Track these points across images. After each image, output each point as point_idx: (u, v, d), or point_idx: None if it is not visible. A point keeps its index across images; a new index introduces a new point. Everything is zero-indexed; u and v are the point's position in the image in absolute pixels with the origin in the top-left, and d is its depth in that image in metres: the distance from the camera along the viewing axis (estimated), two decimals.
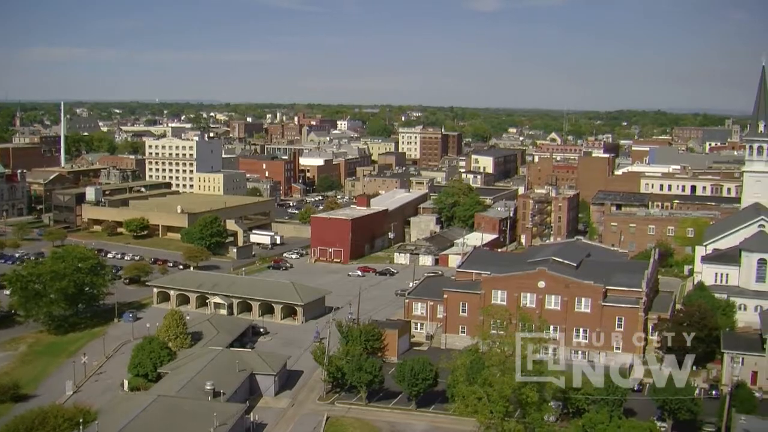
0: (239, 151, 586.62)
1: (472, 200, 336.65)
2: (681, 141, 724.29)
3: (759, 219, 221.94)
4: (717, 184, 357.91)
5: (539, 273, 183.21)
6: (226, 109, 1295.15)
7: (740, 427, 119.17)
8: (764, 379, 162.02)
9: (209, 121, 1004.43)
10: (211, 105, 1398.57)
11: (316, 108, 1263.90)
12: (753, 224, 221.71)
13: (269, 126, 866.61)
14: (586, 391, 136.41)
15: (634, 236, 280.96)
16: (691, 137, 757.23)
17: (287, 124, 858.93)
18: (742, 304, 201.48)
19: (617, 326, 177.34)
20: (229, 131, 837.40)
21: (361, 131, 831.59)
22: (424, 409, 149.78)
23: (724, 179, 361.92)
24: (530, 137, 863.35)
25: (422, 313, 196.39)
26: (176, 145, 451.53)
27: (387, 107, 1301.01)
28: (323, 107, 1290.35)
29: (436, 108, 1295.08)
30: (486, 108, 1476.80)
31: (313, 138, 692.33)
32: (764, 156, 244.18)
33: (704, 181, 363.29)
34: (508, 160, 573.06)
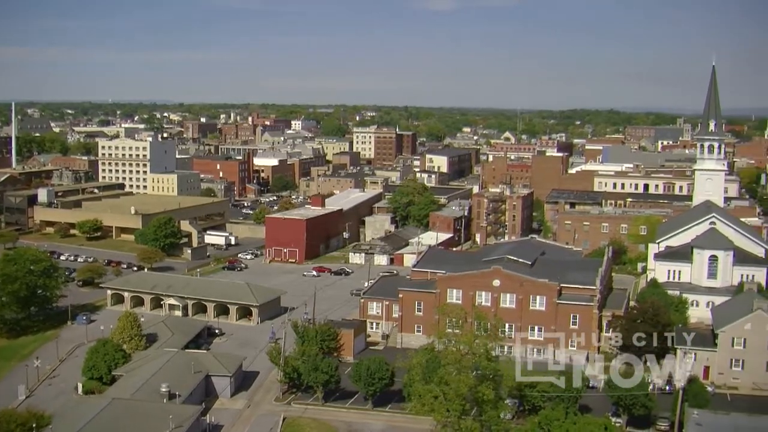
0: (193, 151, 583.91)
1: (427, 199, 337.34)
2: (634, 140, 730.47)
3: (710, 216, 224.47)
4: (669, 182, 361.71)
5: (494, 272, 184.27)
6: (179, 109, 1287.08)
7: (693, 421, 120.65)
8: (716, 374, 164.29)
9: (163, 121, 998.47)
10: (165, 105, 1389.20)
11: (270, 108, 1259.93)
12: (704, 222, 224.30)
13: (223, 126, 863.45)
14: (541, 389, 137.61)
15: (588, 234, 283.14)
16: (644, 136, 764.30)
17: (241, 124, 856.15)
18: (695, 301, 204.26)
19: (572, 324, 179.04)
20: (183, 131, 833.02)
21: (316, 131, 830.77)
22: (380, 409, 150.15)
23: (676, 177, 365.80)
24: (484, 136, 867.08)
25: (378, 313, 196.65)
26: (130, 145, 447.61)
27: (341, 107, 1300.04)
28: (277, 107, 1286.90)
29: (391, 108, 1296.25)
30: (440, 107, 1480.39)
31: (268, 138, 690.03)
32: (715, 154, 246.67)
33: (657, 179, 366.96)
34: (462, 159, 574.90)
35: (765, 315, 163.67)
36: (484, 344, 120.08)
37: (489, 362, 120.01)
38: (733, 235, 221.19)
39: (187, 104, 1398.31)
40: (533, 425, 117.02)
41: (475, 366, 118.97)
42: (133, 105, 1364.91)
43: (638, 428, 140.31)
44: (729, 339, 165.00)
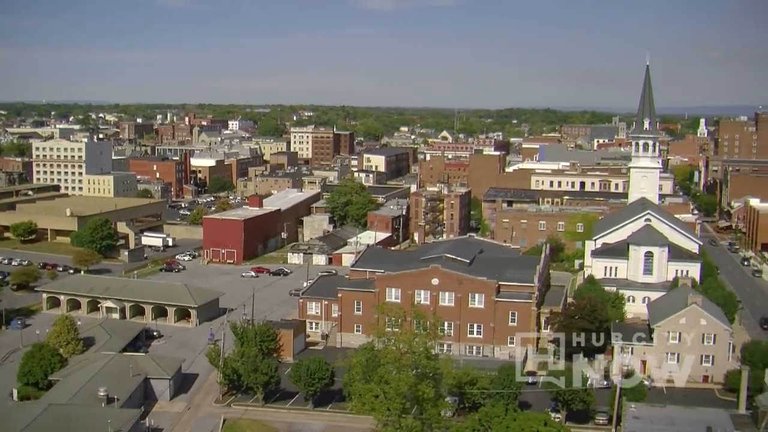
0: (129, 152, 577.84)
1: (365, 199, 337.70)
2: (570, 138, 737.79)
3: (645, 213, 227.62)
4: (605, 180, 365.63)
5: (432, 270, 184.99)
6: (115, 110, 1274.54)
7: (630, 415, 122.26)
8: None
9: (98, 122, 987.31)
10: (100, 106, 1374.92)
11: (207, 108, 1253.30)
12: (640, 218, 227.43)
13: (160, 127, 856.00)
14: (481, 386, 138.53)
15: (526, 232, 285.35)
16: (580, 134, 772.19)
17: (178, 124, 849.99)
18: (631, 296, 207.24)
19: (510, 321, 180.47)
20: (119, 132, 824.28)
21: (253, 131, 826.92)
22: (321, 409, 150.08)
23: (611, 175, 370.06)
24: (422, 136, 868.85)
25: (317, 313, 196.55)
26: (64, 147, 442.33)
27: (278, 107, 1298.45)
28: (214, 107, 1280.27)
29: (328, 107, 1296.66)
30: (378, 107, 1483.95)
31: (204, 138, 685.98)
32: (650, 152, 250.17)
33: (593, 177, 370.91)
34: (400, 158, 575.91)
35: (699, 309, 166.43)
36: (424, 343, 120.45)
37: (428, 360, 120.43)
38: (667, 231, 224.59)
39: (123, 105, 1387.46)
40: (473, 422, 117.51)
41: (415, 364, 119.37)
42: (68, 105, 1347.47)
43: (577, 423, 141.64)
44: (665, 333, 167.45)
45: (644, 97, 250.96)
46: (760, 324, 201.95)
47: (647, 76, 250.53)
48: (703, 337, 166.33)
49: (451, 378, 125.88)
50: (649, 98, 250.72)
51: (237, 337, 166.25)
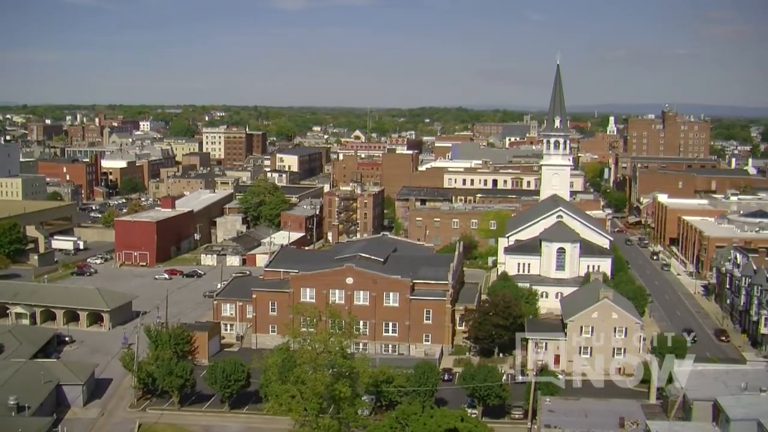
0: (38, 154, 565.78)
1: (278, 199, 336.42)
2: (482, 137, 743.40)
3: (557, 210, 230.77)
4: (517, 177, 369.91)
5: (347, 269, 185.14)
6: (23, 111, 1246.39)
7: (545, 408, 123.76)
8: (566, 362, 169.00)
9: (5, 123, 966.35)
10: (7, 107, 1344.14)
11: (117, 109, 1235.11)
12: (552, 215, 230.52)
13: (69, 128, 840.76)
14: (398, 384, 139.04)
15: (439, 230, 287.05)
16: (492, 133, 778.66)
17: (88, 125, 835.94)
18: (544, 292, 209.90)
19: (425, 319, 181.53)
20: (27, 134, 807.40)
21: (165, 132, 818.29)
22: (237, 410, 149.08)
23: (523, 173, 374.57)
24: (335, 135, 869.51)
25: (231, 314, 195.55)
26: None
27: (190, 107, 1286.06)
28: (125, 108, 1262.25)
29: (240, 107, 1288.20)
30: (290, 107, 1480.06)
31: (115, 139, 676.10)
32: (561, 150, 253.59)
33: (505, 175, 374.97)
34: (312, 158, 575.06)
35: (610, 303, 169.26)
36: (339, 342, 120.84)
37: (344, 360, 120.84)
38: (579, 227, 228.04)
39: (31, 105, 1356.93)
40: (391, 420, 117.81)
41: (331, 364, 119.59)
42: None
43: (493, 418, 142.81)
44: (577, 328, 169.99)
45: (555, 96, 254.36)
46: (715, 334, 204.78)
47: (558, 75, 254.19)
48: (615, 331, 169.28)
49: (367, 377, 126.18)
50: (560, 97, 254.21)
51: (151, 340, 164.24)
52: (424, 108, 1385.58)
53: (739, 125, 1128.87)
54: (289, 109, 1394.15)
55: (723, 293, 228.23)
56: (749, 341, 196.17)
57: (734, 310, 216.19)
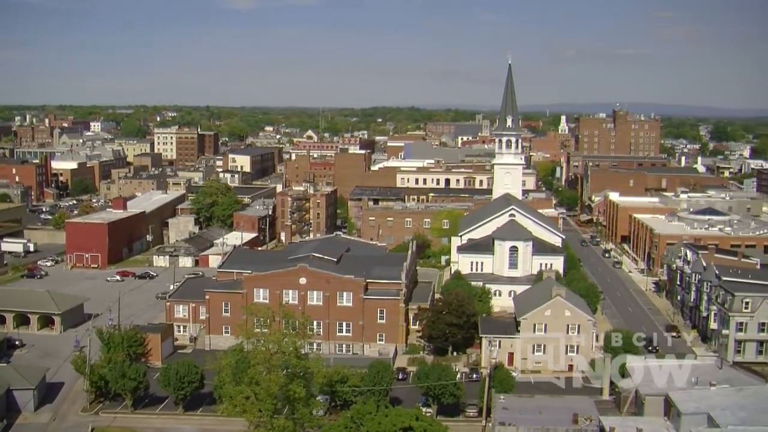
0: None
1: (231, 199, 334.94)
2: (434, 136, 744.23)
3: (509, 209, 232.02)
4: (469, 176, 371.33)
5: (300, 270, 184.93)
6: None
7: (500, 406, 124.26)
8: (520, 360, 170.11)
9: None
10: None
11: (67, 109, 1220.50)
12: (504, 214, 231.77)
13: (18, 129, 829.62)
14: (352, 383, 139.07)
15: (392, 229, 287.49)
16: (444, 132, 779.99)
17: (38, 126, 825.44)
18: (497, 290, 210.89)
19: (379, 318, 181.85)
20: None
21: (116, 132, 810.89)
22: (191, 412, 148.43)
23: (476, 172, 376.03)
24: (287, 135, 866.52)
25: (184, 315, 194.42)
26: None
27: (141, 107, 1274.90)
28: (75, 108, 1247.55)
29: (192, 107, 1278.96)
30: (242, 107, 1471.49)
31: (66, 140, 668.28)
32: (513, 149, 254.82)
33: (457, 174, 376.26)
34: (265, 158, 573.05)
35: (563, 301, 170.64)
36: (293, 342, 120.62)
37: (298, 360, 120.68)
38: (531, 226, 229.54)
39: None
40: (345, 420, 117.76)
41: (285, 364, 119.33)
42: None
43: (448, 416, 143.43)
44: (531, 325, 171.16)
45: (507, 95, 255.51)
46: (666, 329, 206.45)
47: (509, 74, 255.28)
48: (568, 328, 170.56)
49: (321, 377, 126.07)
50: (512, 96, 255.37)
51: (103, 342, 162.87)
52: (376, 108, 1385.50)
53: (688, 124, 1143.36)
54: (241, 109, 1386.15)
55: (674, 290, 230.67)
56: (699, 336, 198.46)
57: (685, 306, 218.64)
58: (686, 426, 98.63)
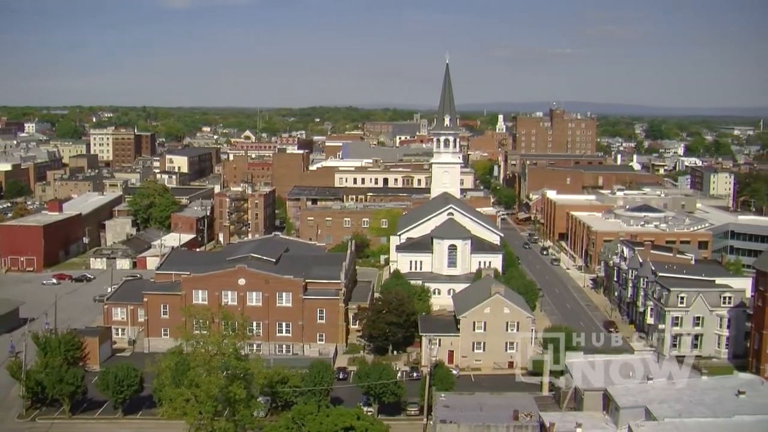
0: None
1: (168, 200, 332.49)
2: (372, 136, 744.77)
3: (448, 208, 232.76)
4: (408, 176, 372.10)
5: (239, 270, 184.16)
6: None
7: (440, 404, 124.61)
8: (460, 357, 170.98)
9: None
10: None
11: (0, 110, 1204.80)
12: (443, 213, 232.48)
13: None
14: (293, 384, 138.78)
15: (331, 229, 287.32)
16: (382, 132, 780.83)
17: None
18: (436, 289, 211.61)
19: (319, 318, 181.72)
20: None
21: (51, 133, 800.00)
22: (131, 416, 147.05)
23: (414, 171, 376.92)
24: (225, 136, 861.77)
25: (123, 318, 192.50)
26: None
27: (77, 108, 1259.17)
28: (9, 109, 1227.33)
29: (129, 108, 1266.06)
30: (179, 107, 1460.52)
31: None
32: (450, 148, 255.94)
33: (395, 173, 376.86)
34: (203, 159, 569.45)
35: (502, 299, 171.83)
36: (233, 344, 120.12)
37: (238, 361, 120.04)
38: (470, 224, 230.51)
39: None
40: (287, 421, 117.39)
41: (225, 366, 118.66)
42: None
43: (389, 415, 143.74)
44: (470, 323, 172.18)
45: (444, 95, 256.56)
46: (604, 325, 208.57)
47: (447, 74, 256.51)
48: (507, 325, 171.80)
49: (262, 378, 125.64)
50: (449, 95, 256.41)
51: (39, 347, 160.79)
52: (314, 107, 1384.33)
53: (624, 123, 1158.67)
54: (178, 110, 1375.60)
55: (611, 286, 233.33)
56: (637, 332, 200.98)
57: (622, 302, 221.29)
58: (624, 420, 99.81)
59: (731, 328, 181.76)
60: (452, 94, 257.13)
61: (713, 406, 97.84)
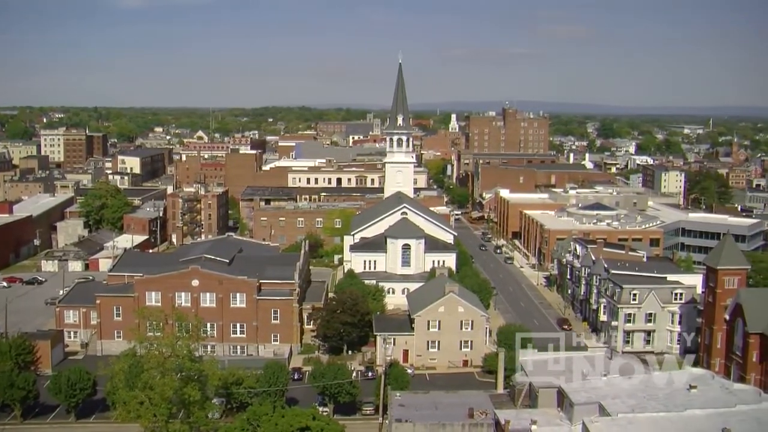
0: None
1: (121, 201, 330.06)
2: (325, 135, 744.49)
3: (401, 207, 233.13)
4: (361, 175, 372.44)
5: (192, 271, 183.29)
6: None
7: (396, 403, 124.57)
8: (415, 356, 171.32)
9: None
10: None
11: None
12: (396, 212, 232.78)
13: None
14: (247, 385, 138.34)
15: (284, 229, 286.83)
16: (335, 131, 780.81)
17: None
18: (391, 288, 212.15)
19: (273, 318, 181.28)
20: None
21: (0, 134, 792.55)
22: (84, 420, 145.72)
23: (367, 171, 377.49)
24: (177, 136, 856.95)
25: (75, 321, 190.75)
26: None
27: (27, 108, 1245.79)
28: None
29: (80, 108, 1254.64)
30: (131, 107, 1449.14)
31: None
32: (404, 147, 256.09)
33: (349, 173, 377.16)
34: (155, 159, 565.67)
35: (456, 297, 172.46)
36: (187, 345, 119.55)
37: (193, 363, 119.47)
38: (423, 223, 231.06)
39: None
40: (242, 422, 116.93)
41: (179, 368, 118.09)
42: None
43: (345, 415, 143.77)
44: (425, 322, 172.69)
45: (397, 94, 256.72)
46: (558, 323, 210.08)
47: (400, 73, 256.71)
48: (461, 324, 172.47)
49: (216, 379, 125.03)
50: (402, 95, 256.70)
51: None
52: (267, 107, 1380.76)
53: (576, 121, 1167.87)
54: (130, 110, 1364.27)
55: (564, 284, 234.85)
56: (590, 329, 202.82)
57: (575, 299, 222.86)
58: (578, 416, 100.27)
59: (683, 324, 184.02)
60: (405, 94, 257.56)
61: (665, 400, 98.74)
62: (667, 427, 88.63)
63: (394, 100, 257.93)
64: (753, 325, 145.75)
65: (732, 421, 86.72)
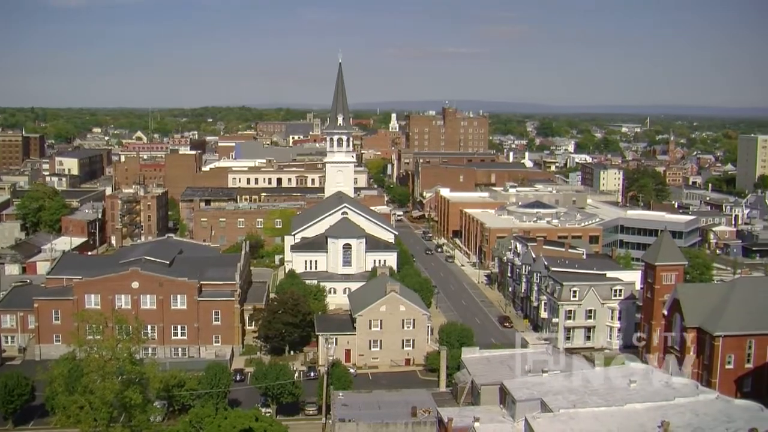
0: None
1: (58, 203, 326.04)
2: (266, 136, 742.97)
3: (342, 207, 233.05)
4: (301, 175, 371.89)
5: (132, 274, 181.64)
6: None
7: (339, 403, 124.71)
8: (357, 356, 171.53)
9: None
10: None
11: None
12: (337, 212, 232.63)
13: None
14: (189, 387, 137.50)
15: (225, 230, 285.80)
16: (275, 131, 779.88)
17: None
18: (332, 288, 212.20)
19: (214, 320, 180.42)
20: None
21: None
22: (22, 427, 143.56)
23: (308, 170, 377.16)
24: (116, 137, 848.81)
25: (12, 326, 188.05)
26: None
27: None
28: None
29: (16, 109, 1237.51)
30: (69, 108, 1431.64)
31: None
32: (344, 147, 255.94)
33: (289, 173, 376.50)
34: (93, 160, 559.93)
35: (398, 296, 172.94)
36: (127, 348, 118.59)
37: (133, 366, 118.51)
38: (364, 223, 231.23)
39: None
40: (184, 424, 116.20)
41: (120, 371, 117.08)
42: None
43: (288, 415, 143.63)
44: (366, 322, 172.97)
45: (337, 94, 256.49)
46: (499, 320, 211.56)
47: (340, 73, 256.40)
48: (403, 323, 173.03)
49: (158, 382, 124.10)
50: (342, 95, 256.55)
51: None
52: (206, 107, 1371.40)
53: (515, 120, 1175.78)
54: (68, 110, 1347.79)
55: (505, 281, 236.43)
56: (531, 326, 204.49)
57: (516, 297, 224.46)
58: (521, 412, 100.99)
59: (622, 320, 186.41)
60: (345, 93, 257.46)
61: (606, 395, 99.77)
62: (607, 422, 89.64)
63: (334, 99, 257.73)
64: (690, 320, 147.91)
65: (670, 414, 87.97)
